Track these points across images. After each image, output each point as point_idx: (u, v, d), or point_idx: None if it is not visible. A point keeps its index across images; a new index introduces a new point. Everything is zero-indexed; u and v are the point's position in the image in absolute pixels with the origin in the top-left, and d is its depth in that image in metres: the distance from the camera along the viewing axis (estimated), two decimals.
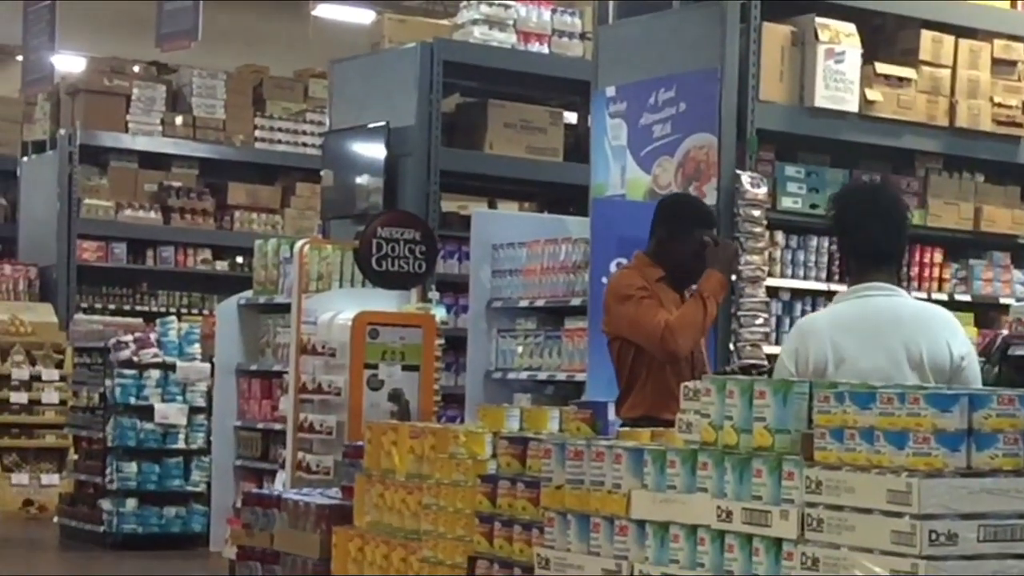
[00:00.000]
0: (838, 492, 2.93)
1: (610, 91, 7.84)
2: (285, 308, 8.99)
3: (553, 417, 4.22)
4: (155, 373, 11.13)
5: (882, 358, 4.16)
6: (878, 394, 2.95)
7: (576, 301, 7.98)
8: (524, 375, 8.33)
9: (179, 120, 15.44)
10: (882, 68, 7.74)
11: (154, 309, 15.18)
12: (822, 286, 7.43)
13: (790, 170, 7.53)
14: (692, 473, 3.29)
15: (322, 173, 11.16)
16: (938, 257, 7.99)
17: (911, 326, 4.24)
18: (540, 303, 8.29)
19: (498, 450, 4.04)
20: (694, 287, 5.73)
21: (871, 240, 4.31)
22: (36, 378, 13.36)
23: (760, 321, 7.07)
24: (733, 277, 6.78)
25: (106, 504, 11.08)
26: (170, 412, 11.09)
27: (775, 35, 7.41)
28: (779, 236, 7.46)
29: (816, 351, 4.19)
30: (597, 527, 3.49)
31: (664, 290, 5.58)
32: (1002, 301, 8.10)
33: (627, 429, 4.06)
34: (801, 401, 3.19)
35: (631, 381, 5.52)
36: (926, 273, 7.93)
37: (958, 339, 4.27)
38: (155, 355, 11.16)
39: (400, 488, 4.46)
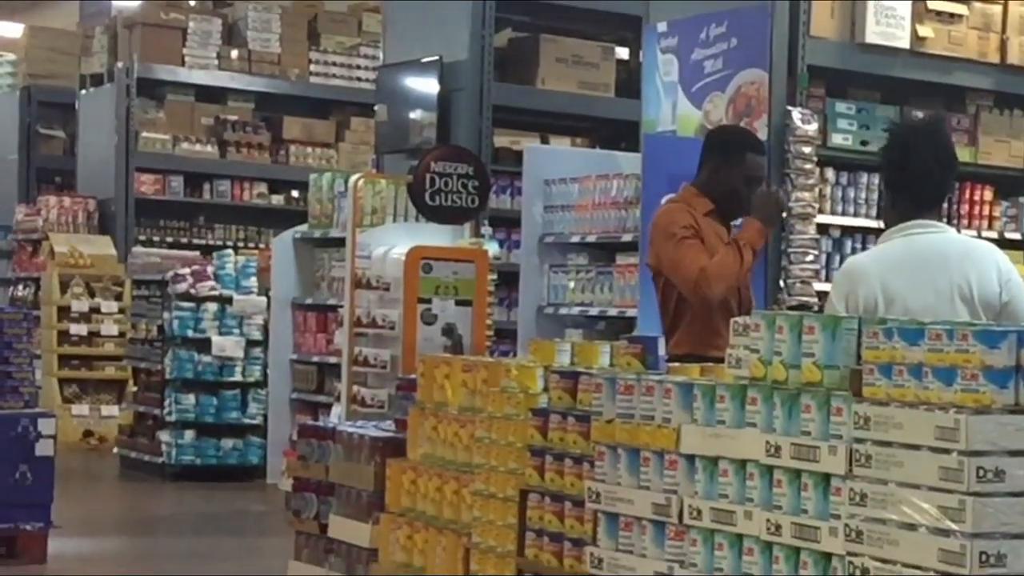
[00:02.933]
0: (886, 428, 2.95)
1: (662, 26, 7.82)
2: (340, 242, 9.06)
3: (604, 352, 4.25)
4: (212, 306, 11.25)
5: (931, 296, 4.17)
6: (927, 330, 2.96)
7: (627, 237, 8.01)
8: (576, 310, 8.37)
9: (235, 54, 15.50)
10: (933, 4, 7.69)
11: (211, 242, 15.31)
12: (872, 223, 7.41)
13: (841, 107, 7.50)
14: (741, 408, 3.32)
15: (376, 108, 11.20)
16: (988, 195, 7.95)
17: (960, 262, 4.25)
18: (592, 239, 8.32)
19: (549, 384, 4.08)
20: (740, 222, 5.72)
21: (933, 182, 4.33)
22: (95, 310, 13.53)
23: (810, 258, 7.08)
24: (783, 216, 6.75)
25: (164, 436, 11.24)
26: (227, 345, 11.21)
27: None
28: (829, 173, 7.45)
29: (866, 293, 4.20)
30: (647, 461, 3.52)
31: (711, 224, 5.55)
32: None
33: (677, 364, 4.09)
34: (850, 337, 3.21)
35: (676, 318, 5.52)
36: (976, 211, 7.90)
37: (1005, 272, 4.28)
38: (212, 288, 11.27)
39: (453, 421, 4.51)
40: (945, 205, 4.90)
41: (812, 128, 7.16)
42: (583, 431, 3.83)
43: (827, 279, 7.06)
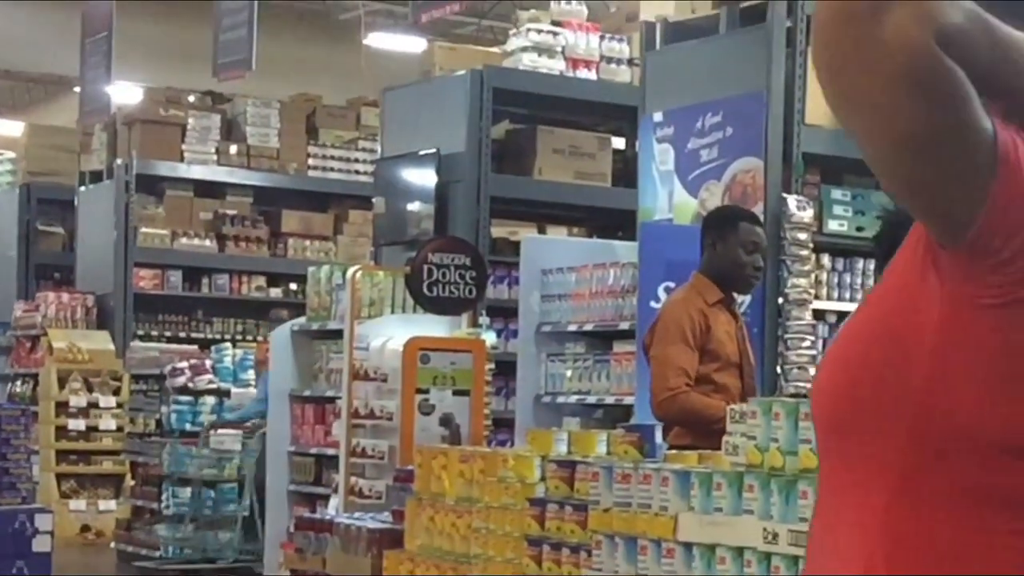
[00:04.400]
0: None
1: (657, 116, 7.88)
2: (338, 334, 9.06)
3: (601, 440, 4.25)
4: (210, 399, 11.23)
5: None
6: None
7: (625, 325, 8.01)
8: (573, 399, 8.36)
9: (234, 149, 15.59)
10: None
11: (209, 336, 15.30)
12: None
13: (836, 193, 7.54)
14: (739, 495, 3.31)
15: (374, 200, 11.25)
16: None
17: None
18: (589, 327, 8.32)
19: (547, 473, 4.07)
20: (748, 299, 5.68)
21: None
22: (93, 405, 13.49)
23: (807, 344, 7.09)
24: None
25: (162, 529, 11.17)
26: (224, 438, 11.17)
27: None
28: (825, 259, 7.48)
29: None
30: (644, 550, 3.51)
31: (721, 317, 5.55)
32: None
33: (674, 452, 4.08)
34: None
35: None
36: None
37: None
38: (210, 381, 11.26)
39: (450, 512, 4.50)
40: None
41: (808, 215, 7.20)
42: (580, 520, 3.82)
43: None
